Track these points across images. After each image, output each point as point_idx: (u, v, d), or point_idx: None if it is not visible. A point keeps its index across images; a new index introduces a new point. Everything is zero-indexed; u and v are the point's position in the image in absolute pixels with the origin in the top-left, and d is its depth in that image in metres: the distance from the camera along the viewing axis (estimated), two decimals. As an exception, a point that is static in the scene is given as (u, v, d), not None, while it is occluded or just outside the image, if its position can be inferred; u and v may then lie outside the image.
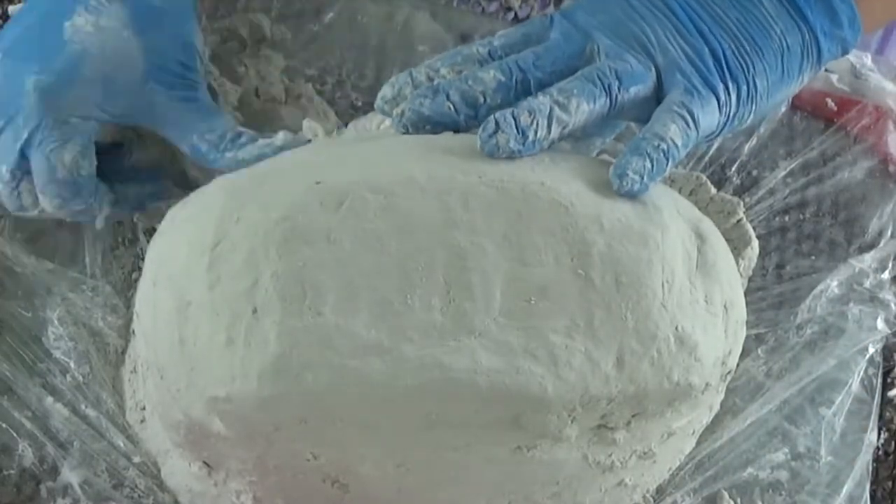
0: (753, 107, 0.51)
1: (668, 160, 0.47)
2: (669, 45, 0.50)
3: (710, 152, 0.62)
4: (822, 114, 0.65)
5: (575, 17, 0.51)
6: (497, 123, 0.46)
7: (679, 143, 0.48)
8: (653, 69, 0.50)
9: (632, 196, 0.47)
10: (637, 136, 0.48)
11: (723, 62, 0.50)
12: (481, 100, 0.49)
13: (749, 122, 0.53)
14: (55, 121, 0.51)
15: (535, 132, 0.47)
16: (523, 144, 0.47)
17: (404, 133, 0.49)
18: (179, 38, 0.55)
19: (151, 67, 0.53)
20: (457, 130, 0.50)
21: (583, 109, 0.48)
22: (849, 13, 0.52)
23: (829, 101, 0.65)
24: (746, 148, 0.63)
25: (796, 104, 0.65)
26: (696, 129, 0.49)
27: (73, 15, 0.52)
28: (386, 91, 0.50)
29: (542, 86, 0.49)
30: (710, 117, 0.50)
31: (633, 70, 0.49)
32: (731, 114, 0.51)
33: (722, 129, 0.52)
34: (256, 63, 0.61)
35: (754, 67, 0.50)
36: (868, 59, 0.66)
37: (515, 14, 0.66)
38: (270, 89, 0.60)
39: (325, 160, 0.50)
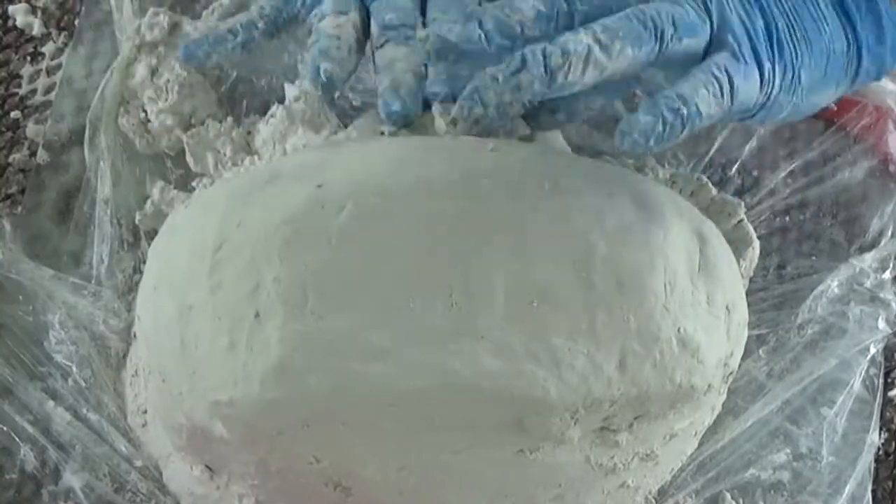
0: (793, 98, 0.47)
1: (684, 126, 0.42)
2: (726, 4, 0.46)
3: (711, 153, 0.62)
4: (822, 114, 0.64)
5: None
6: (524, 60, 0.41)
7: (704, 111, 0.43)
8: (708, 24, 0.45)
9: (633, 155, 0.43)
10: (660, 91, 0.43)
11: (774, 38, 0.46)
12: (518, 30, 0.44)
13: (784, 116, 0.49)
14: None
15: (566, 75, 0.42)
16: (549, 87, 0.42)
17: (426, 62, 0.45)
18: None
19: None
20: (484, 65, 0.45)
21: (626, 54, 0.43)
22: (893, 35, 0.49)
23: (829, 101, 0.65)
24: (747, 149, 0.63)
25: (796, 104, 0.64)
26: (732, 100, 0.44)
27: None
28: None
29: (588, 21, 0.44)
30: (750, 91, 0.45)
31: (690, 20, 0.44)
32: (772, 95, 0.47)
33: (758, 112, 0.47)
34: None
35: (802, 59, 0.47)
36: (868, 59, 0.66)
37: (515, 14, 0.66)
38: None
39: (326, 163, 0.50)
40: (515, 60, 0.42)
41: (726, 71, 0.44)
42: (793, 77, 0.47)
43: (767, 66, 0.46)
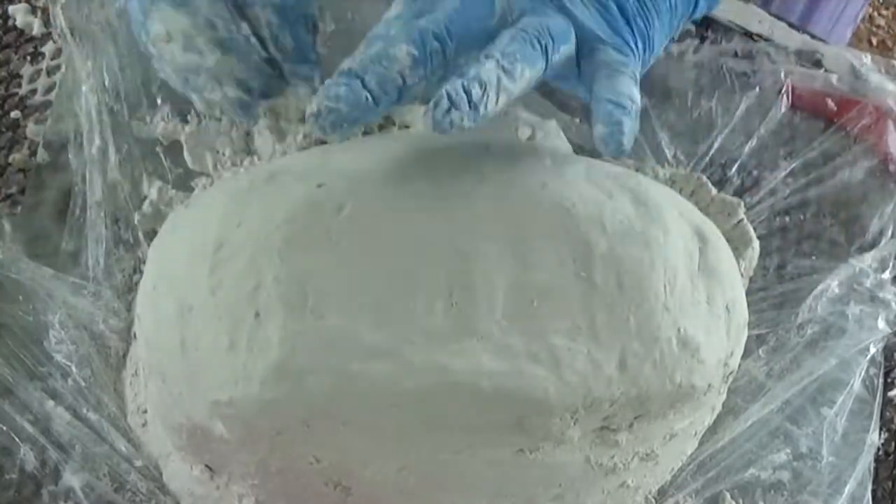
0: (649, 60, 0.49)
1: (637, 118, 0.45)
2: (579, 1, 0.47)
3: (711, 153, 0.62)
4: (822, 114, 0.65)
5: None
6: (450, 100, 0.40)
7: (637, 101, 0.45)
8: (571, 25, 0.46)
9: (620, 155, 0.44)
10: (607, 97, 0.45)
11: (630, 18, 0.47)
12: (399, 81, 0.42)
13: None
14: None
15: (486, 106, 0.41)
16: (474, 120, 0.41)
17: (321, 135, 0.43)
18: None
19: None
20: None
21: (525, 76, 0.43)
22: None
23: (829, 101, 0.65)
24: (747, 148, 0.63)
25: (796, 104, 0.64)
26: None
27: None
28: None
29: (457, 55, 0.44)
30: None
31: (560, 28, 0.45)
32: (641, 66, 0.48)
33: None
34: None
35: (653, 25, 0.48)
36: (868, 59, 0.66)
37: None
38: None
39: (326, 163, 0.50)
40: (443, 101, 0.41)
41: (628, 65, 0.46)
42: (646, 46, 0.48)
43: (631, 46, 0.47)
